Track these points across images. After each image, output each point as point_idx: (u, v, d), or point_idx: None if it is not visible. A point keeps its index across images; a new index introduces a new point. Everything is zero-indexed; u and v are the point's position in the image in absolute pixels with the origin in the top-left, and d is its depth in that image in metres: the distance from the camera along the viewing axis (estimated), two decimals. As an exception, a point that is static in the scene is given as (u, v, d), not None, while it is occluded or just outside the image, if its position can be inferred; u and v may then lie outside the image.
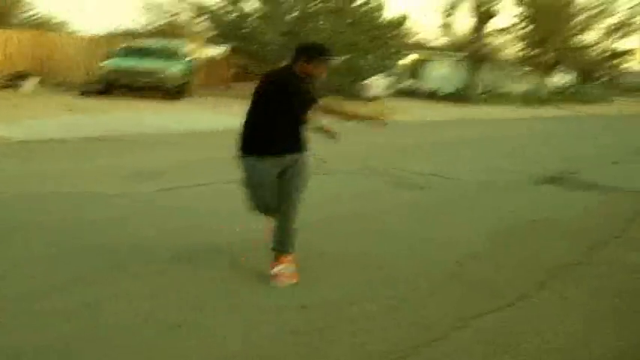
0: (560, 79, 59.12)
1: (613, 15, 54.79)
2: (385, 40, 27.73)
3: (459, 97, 38.78)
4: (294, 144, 5.57)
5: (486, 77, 44.20)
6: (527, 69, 52.16)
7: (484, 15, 40.28)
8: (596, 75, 60.34)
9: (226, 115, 19.86)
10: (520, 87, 45.38)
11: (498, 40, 46.45)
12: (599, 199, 10.60)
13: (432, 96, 39.04)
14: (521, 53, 51.58)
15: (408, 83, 41.83)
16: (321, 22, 25.78)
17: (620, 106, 51.13)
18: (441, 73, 48.17)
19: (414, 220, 8.29)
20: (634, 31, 55.36)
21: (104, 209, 7.81)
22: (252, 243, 6.40)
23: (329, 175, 10.75)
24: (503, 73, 51.22)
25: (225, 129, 16.42)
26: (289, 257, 5.68)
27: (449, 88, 41.07)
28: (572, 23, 50.30)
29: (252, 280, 5.63)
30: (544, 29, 46.99)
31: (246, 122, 5.59)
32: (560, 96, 50.54)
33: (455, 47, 44.89)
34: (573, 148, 18.23)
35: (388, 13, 29.50)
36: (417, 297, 5.54)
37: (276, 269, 5.61)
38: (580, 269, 6.71)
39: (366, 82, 29.85)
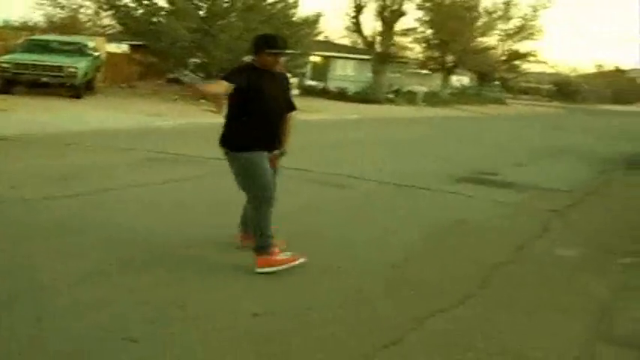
0: (460, 80, 60.64)
1: (513, 18, 56.41)
2: (298, 39, 27.55)
3: (365, 96, 39.09)
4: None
5: (392, 77, 44.77)
6: (430, 70, 53.24)
7: (392, 15, 40.59)
8: (494, 77, 61.93)
9: (135, 114, 19.52)
10: (423, 88, 46.12)
11: (404, 42, 46.99)
12: (518, 198, 10.70)
13: (339, 96, 39.17)
14: (423, 55, 52.52)
15: (313, 82, 41.93)
16: (234, 19, 25.41)
17: (515, 107, 52.58)
18: (346, 73, 48.64)
19: (342, 222, 8.16)
20: (534, 33, 57.01)
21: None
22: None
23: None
24: (408, 73, 52.16)
25: (131, 128, 16.27)
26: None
27: (354, 87, 41.38)
28: (473, 26, 51.27)
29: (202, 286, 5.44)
30: (446, 32, 47.76)
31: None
32: (460, 97, 51.61)
33: (362, 47, 45.24)
34: (480, 149, 18.59)
35: (301, 11, 29.49)
36: (365, 300, 5.42)
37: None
38: (514, 267, 6.75)
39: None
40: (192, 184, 9.83)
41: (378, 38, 42.04)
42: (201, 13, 26.74)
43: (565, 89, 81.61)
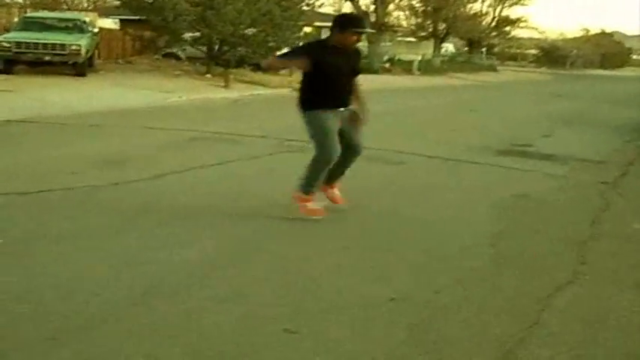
0: (446, 48, 60.56)
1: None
2: (299, 11, 27.30)
3: (362, 66, 38.81)
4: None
5: (383, 47, 44.62)
6: (419, 39, 53.14)
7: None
8: (484, 44, 61.94)
9: (145, 90, 19.31)
10: (418, 56, 46.05)
11: (397, 11, 46.82)
12: (563, 170, 10.71)
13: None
14: (415, 23, 52.38)
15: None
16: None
17: (507, 74, 52.54)
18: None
19: (413, 200, 8.14)
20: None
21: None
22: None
23: (297, 153, 10.57)
24: (398, 42, 52.01)
25: (148, 105, 16.13)
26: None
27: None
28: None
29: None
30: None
31: None
32: (451, 65, 51.59)
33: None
34: (498, 119, 18.58)
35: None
36: (483, 280, 5.47)
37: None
38: (601, 243, 6.81)
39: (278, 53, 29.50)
40: (253, 164, 9.80)
41: (372, 7, 41.75)
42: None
43: (553, 54, 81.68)
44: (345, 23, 6.38)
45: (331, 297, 4.84)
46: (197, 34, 26.80)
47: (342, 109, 6.60)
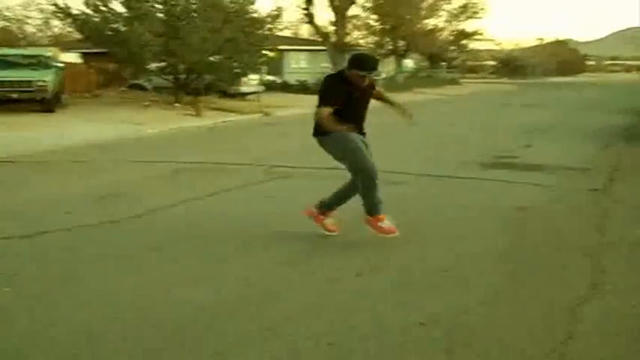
0: (406, 64, 61.05)
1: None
2: (262, 35, 27.34)
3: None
4: None
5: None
6: (380, 56, 53.42)
7: (343, 4, 40.55)
8: (444, 58, 62.55)
9: (117, 123, 19.13)
10: (382, 74, 46.16)
11: (357, 29, 47.09)
12: (553, 180, 10.78)
13: (301, 89, 38.99)
14: (375, 41, 52.74)
15: (271, 77, 41.66)
16: (197, 20, 25.00)
17: (470, 87, 52.97)
18: (300, 66, 48.58)
19: (422, 218, 8.11)
20: (477, 12, 57.80)
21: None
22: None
23: (292, 179, 10.60)
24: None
25: (123, 138, 15.99)
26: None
27: (310, 80, 41.28)
28: (419, 9, 51.66)
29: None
30: (395, 17, 48.03)
31: None
32: (414, 80, 51.95)
33: (313, 38, 45.19)
34: (477, 131, 18.68)
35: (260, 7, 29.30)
36: (513, 294, 5.48)
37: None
38: (614, 251, 6.82)
39: (243, 79, 29.54)
40: (248, 193, 9.73)
41: (332, 28, 41.92)
42: (160, 15, 26.22)
43: (511, 65, 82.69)
44: (351, 63, 6.62)
45: (366, 324, 4.77)
46: (162, 63, 26.71)
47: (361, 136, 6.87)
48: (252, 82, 31.36)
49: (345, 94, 6.53)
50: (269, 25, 28.48)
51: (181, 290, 5.43)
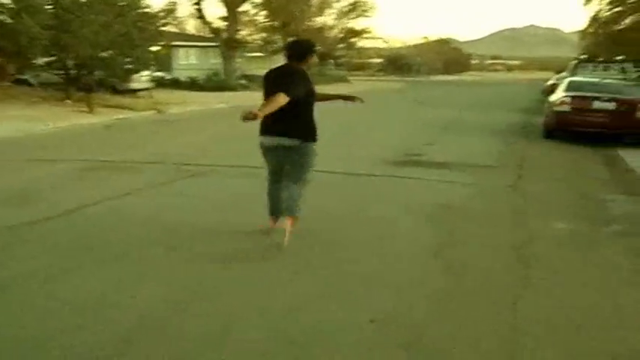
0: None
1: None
2: (156, 31, 26.84)
3: (218, 84, 38.71)
4: None
5: (242, 63, 44.61)
6: (272, 53, 53.42)
7: (234, 0, 40.28)
8: (333, 56, 63.02)
9: (8, 120, 18.35)
10: (272, 71, 46.12)
11: (248, 27, 46.86)
12: (466, 178, 11.01)
13: (192, 85, 38.58)
14: (262, 38, 52.65)
15: (160, 74, 41.00)
16: (89, 14, 24.24)
17: (360, 85, 53.46)
18: (190, 62, 48.06)
19: (342, 217, 8.17)
20: (366, 10, 58.56)
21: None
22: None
23: (203, 177, 10.44)
24: (249, 58, 52.14)
25: (16, 136, 15.44)
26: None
27: (199, 76, 40.97)
28: (309, 6, 51.87)
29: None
30: (284, 14, 48.05)
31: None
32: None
33: (204, 35, 44.77)
34: (378, 129, 18.86)
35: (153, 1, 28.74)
36: (456, 294, 5.57)
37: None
38: (537, 247, 7.04)
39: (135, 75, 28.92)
40: (163, 192, 9.50)
41: (223, 24, 41.59)
42: (48, 7, 25.31)
43: (398, 63, 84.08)
44: (310, 48, 6.67)
45: (319, 323, 4.76)
46: (52, 58, 25.83)
47: None
48: (142, 78, 30.76)
49: (307, 84, 6.50)
50: (163, 20, 27.96)
51: (120, 294, 5.25)
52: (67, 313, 4.86)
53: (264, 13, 51.59)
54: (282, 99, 6.11)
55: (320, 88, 6.82)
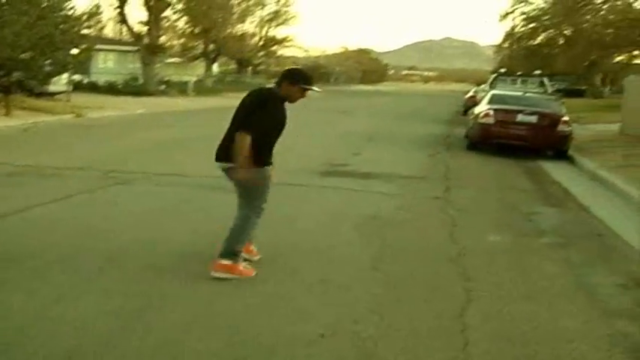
0: (215, 68, 60.96)
1: (267, 4, 57.84)
2: (78, 34, 26.26)
3: (137, 89, 38.19)
4: None
5: (161, 69, 44.09)
6: (189, 59, 53.11)
7: (158, 5, 39.81)
8: (253, 63, 62.93)
9: None
10: (193, 78, 45.87)
11: (168, 32, 46.35)
12: (393, 189, 11.09)
13: (110, 90, 37.90)
14: (181, 43, 52.23)
15: (77, 77, 40.15)
16: (12, 14, 23.56)
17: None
18: (108, 66, 47.28)
19: (271, 226, 7.95)
20: (288, 19, 58.79)
21: None
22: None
23: (130, 185, 10.26)
24: (168, 63, 51.59)
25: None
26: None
27: (118, 80, 40.37)
28: (232, 13, 51.71)
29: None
30: (206, 21, 47.79)
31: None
32: (222, 85, 51.87)
33: (125, 39, 44.14)
34: (298, 137, 18.80)
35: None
36: (388, 306, 5.57)
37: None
38: (472, 259, 7.10)
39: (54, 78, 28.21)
40: (93, 199, 9.26)
41: (145, 29, 41.05)
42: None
43: (317, 72, 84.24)
44: (296, 78, 6.11)
45: (268, 337, 4.69)
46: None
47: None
48: (60, 81, 30.04)
49: (280, 121, 6.16)
50: (86, 23, 27.38)
51: (61, 307, 5.08)
52: (2, 329, 4.66)
53: (185, 19, 51.14)
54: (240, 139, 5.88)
55: (240, 96, 6.63)
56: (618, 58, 41.43)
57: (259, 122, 5.89)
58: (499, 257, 7.20)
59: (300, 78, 6.12)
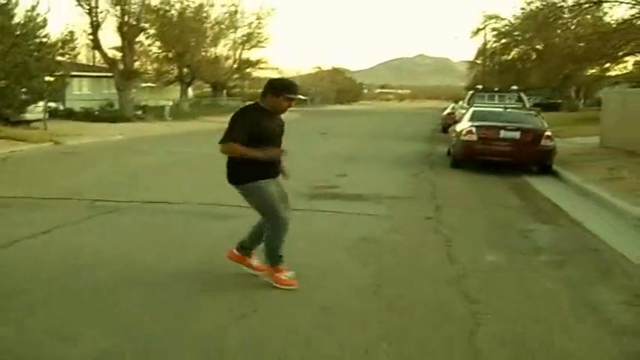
0: (195, 91, 60.91)
1: (240, 27, 57.94)
2: (53, 61, 26.09)
3: (113, 115, 37.95)
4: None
5: (136, 94, 43.90)
6: (167, 84, 53.00)
7: (131, 31, 39.65)
8: (228, 86, 62.87)
9: None
10: (166, 102, 45.68)
11: (142, 57, 46.18)
12: (383, 210, 10.99)
13: (87, 116, 37.63)
14: (154, 68, 52.10)
15: (53, 104, 39.86)
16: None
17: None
18: (83, 92, 47.04)
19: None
20: (261, 41, 58.91)
21: None
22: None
23: (119, 214, 10.09)
24: (143, 88, 51.43)
25: None
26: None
27: (94, 106, 40.14)
28: (204, 37, 51.70)
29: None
30: (180, 45, 47.73)
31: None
32: (199, 109, 51.73)
33: (101, 65, 43.92)
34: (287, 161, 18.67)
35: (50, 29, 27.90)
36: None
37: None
38: (473, 281, 7.01)
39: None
40: (82, 230, 9.06)
41: (119, 54, 40.87)
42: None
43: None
44: (279, 88, 6.20)
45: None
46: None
47: (278, 176, 6.55)
48: (37, 108, 29.79)
49: (260, 124, 6.19)
50: (61, 50, 27.23)
51: (60, 344, 4.92)
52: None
53: (158, 43, 51.03)
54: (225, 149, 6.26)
55: (216, 119, 6.64)
56: (591, 71, 41.76)
57: (241, 130, 6.06)
58: (499, 277, 7.13)
59: (282, 87, 6.21)
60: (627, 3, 30.15)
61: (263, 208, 6.41)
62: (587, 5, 32.47)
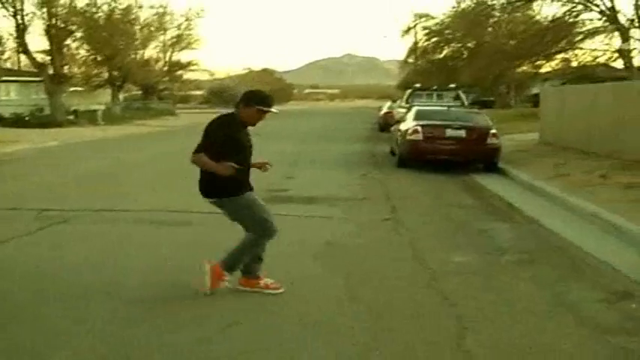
0: (125, 94, 59.94)
1: (168, 29, 57.29)
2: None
3: (44, 120, 37.04)
4: None
5: (67, 98, 42.99)
6: (96, 87, 52.08)
7: (60, 34, 38.76)
8: (159, 89, 62.06)
9: None
10: (98, 106, 44.82)
11: (72, 60, 45.18)
12: (339, 212, 10.89)
13: (17, 122, 36.62)
14: (82, 72, 51.11)
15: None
16: None
17: (187, 117, 52.75)
18: (10, 98, 45.86)
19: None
20: (192, 43, 58.36)
21: None
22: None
23: (68, 224, 9.76)
24: (72, 92, 50.38)
25: None
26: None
27: (22, 111, 39.17)
28: (133, 40, 50.92)
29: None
30: (109, 48, 46.91)
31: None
32: (130, 112, 50.96)
33: (28, 69, 42.86)
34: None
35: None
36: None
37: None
38: (443, 283, 6.96)
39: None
40: (34, 242, 8.70)
41: (48, 58, 39.91)
42: None
43: (223, 94, 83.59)
44: (250, 99, 6.09)
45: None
46: None
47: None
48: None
49: (242, 142, 6.16)
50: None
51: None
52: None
53: (86, 47, 50.01)
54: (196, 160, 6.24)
55: (149, 123, 6.45)
56: (522, 68, 42.37)
57: (215, 143, 6.00)
58: (472, 279, 7.07)
59: (254, 99, 6.08)
60: (559, 0, 30.69)
61: (252, 219, 6.27)
62: (518, 4, 32.95)
